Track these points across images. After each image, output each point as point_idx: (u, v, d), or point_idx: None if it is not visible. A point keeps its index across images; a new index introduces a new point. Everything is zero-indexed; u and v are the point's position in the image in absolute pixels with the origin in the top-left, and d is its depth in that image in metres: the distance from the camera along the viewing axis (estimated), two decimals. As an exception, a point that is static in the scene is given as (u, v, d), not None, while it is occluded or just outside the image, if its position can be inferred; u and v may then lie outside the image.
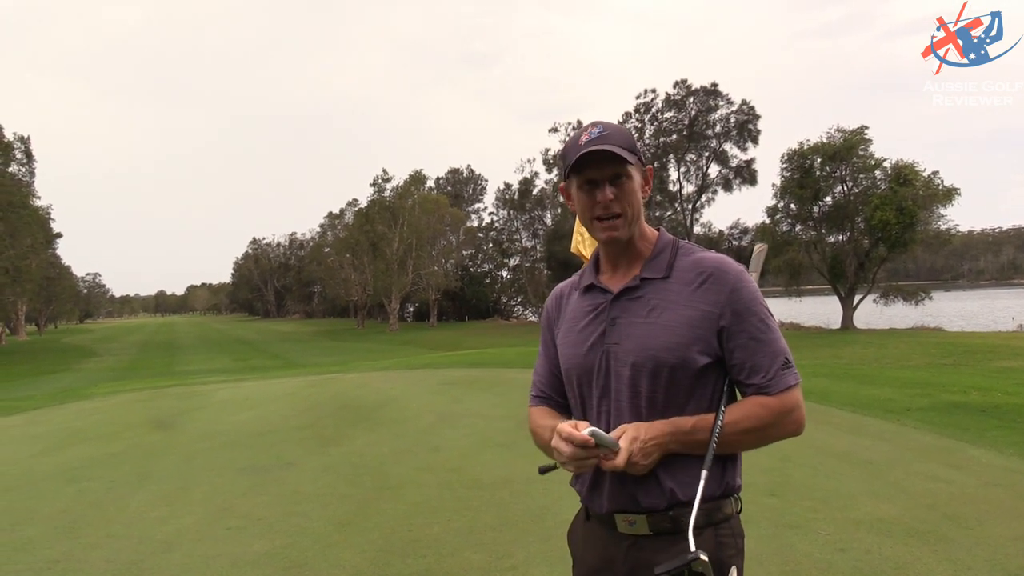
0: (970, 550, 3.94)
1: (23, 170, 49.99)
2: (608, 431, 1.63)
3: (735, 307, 1.59)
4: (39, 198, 52.50)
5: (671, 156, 50.19)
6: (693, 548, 1.41)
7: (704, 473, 1.52)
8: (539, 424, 1.81)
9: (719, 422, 1.56)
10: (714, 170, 49.90)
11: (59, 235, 62.85)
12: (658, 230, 1.76)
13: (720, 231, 53.14)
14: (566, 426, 1.54)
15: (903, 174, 30.13)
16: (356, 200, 70.71)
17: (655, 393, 1.59)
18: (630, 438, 1.51)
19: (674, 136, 49.76)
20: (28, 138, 50.45)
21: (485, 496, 5.38)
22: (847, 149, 31.83)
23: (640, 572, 1.59)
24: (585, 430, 1.49)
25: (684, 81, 48.94)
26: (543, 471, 1.83)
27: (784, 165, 34.32)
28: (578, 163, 1.63)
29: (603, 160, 1.60)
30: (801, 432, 1.64)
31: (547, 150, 58.11)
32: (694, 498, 1.50)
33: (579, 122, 52.92)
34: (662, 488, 1.58)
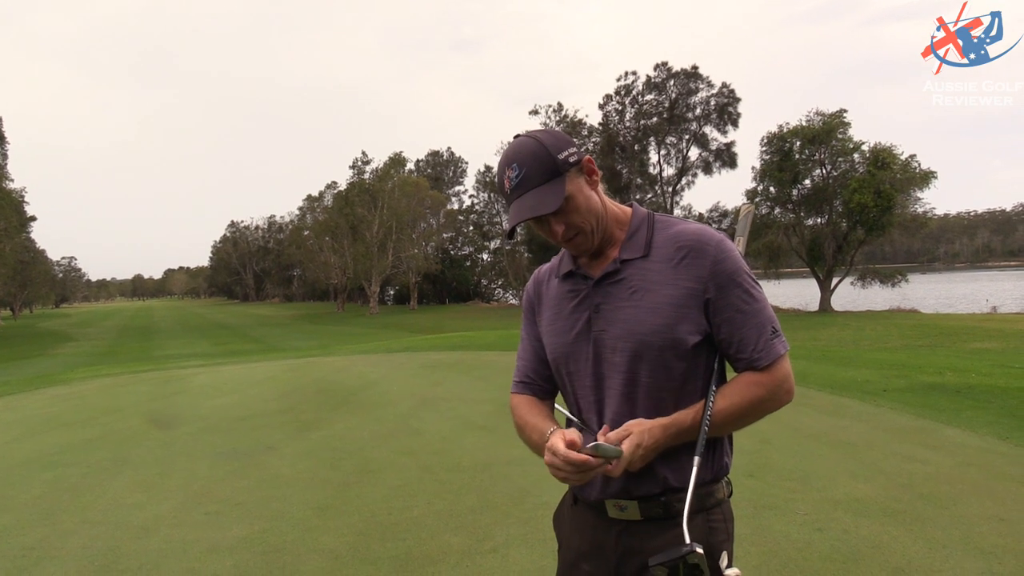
0: (945, 529, 3.99)
1: (-6, 152, 49.24)
2: (601, 420, 1.59)
3: (718, 280, 1.54)
4: (12, 180, 51.75)
5: (651, 139, 50.32)
6: (688, 540, 1.39)
7: (697, 459, 1.50)
8: (526, 422, 1.73)
9: (709, 404, 1.53)
10: (694, 153, 50.23)
11: (33, 218, 61.92)
12: (630, 206, 1.71)
13: (700, 214, 53.41)
14: (560, 444, 1.47)
15: (881, 157, 30.43)
16: (336, 183, 70.44)
17: (648, 377, 1.55)
18: (634, 444, 1.47)
19: (654, 119, 49.85)
20: (0, 119, 49.69)
21: (465, 479, 5.37)
22: (826, 132, 32.09)
23: (631, 558, 1.57)
24: (587, 446, 1.43)
25: (665, 64, 49.00)
26: None
27: (764, 148, 34.55)
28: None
29: None
30: (792, 398, 1.60)
31: (528, 133, 57.81)
32: (687, 484, 1.48)
33: (559, 105, 52.85)
34: (656, 476, 1.55)
